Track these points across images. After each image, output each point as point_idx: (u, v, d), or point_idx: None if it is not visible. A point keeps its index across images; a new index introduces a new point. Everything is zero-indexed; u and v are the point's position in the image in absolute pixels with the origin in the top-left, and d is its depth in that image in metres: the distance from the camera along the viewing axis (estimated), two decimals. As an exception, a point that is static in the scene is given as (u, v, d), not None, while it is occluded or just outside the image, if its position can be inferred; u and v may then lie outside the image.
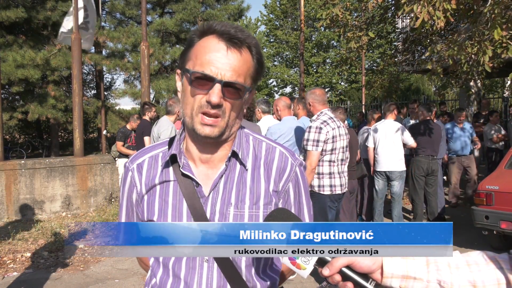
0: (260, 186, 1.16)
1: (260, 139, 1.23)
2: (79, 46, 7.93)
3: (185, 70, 1.09)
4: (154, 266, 1.21)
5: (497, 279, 0.86)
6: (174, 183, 1.16)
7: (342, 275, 0.87)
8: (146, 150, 1.24)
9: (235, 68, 1.06)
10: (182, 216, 1.13)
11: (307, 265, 0.87)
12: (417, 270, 0.87)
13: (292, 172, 1.20)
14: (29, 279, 4.53)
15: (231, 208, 1.13)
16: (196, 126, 1.08)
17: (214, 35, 1.08)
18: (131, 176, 1.21)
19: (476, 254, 0.91)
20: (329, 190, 3.92)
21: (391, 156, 6.04)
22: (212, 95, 1.04)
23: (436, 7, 4.88)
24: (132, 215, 1.25)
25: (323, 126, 3.85)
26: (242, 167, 1.17)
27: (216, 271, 1.12)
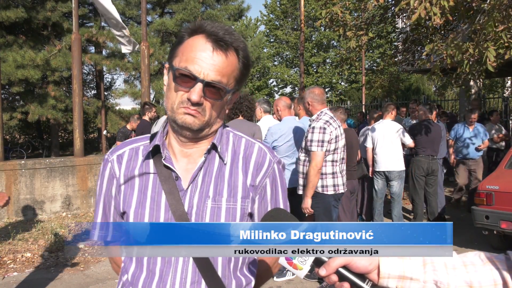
0: (237, 180, 1.18)
1: (240, 135, 1.25)
2: (79, 46, 7.93)
3: (171, 66, 1.12)
4: (126, 262, 1.20)
5: (494, 280, 0.86)
6: (154, 175, 1.16)
7: (338, 276, 0.87)
8: (127, 143, 1.26)
9: (219, 69, 1.09)
10: (160, 209, 1.13)
11: (303, 265, 0.87)
12: (413, 271, 0.88)
13: (270, 168, 1.22)
14: (29, 279, 4.53)
15: (209, 201, 1.14)
16: (178, 116, 1.10)
17: (203, 35, 1.10)
18: (110, 167, 1.21)
19: (472, 255, 0.91)
20: (332, 190, 3.90)
21: (389, 156, 6.05)
22: (193, 93, 1.07)
23: (433, 3, 4.87)
24: (109, 210, 1.23)
25: (326, 126, 3.82)
26: (221, 161, 1.18)
27: (192, 266, 1.13)
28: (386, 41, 12.04)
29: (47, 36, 14.19)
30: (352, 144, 5.08)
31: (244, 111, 4.28)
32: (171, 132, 1.19)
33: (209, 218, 1.14)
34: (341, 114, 5.27)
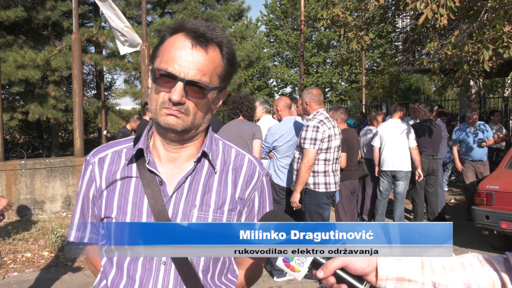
0: (226, 191, 1.15)
1: (229, 145, 1.23)
2: (79, 46, 7.92)
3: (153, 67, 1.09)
4: (106, 267, 1.16)
5: (492, 281, 0.86)
6: (136, 179, 1.13)
7: (336, 278, 0.87)
8: (110, 145, 1.21)
9: (200, 66, 1.05)
10: (142, 214, 1.10)
11: (301, 267, 0.87)
12: (411, 272, 0.87)
13: (259, 181, 1.20)
14: (29, 279, 4.53)
15: (195, 210, 1.11)
16: (160, 118, 1.06)
17: (183, 33, 1.07)
18: (91, 170, 1.18)
19: (471, 256, 0.91)
20: (324, 187, 4.04)
21: (397, 156, 6.01)
22: (173, 93, 1.03)
23: (440, 4, 4.86)
24: (87, 213, 1.20)
25: (320, 125, 3.96)
26: (210, 169, 1.15)
27: (173, 273, 1.10)
28: (386, 41, 12.03)
29: (47, 36, 14.19)
30: (352, 144, 5.08)
31: (245, 111, 4.28)
32: (156, 135, 1.15)
33: None
34: (341, 114, 5.28)
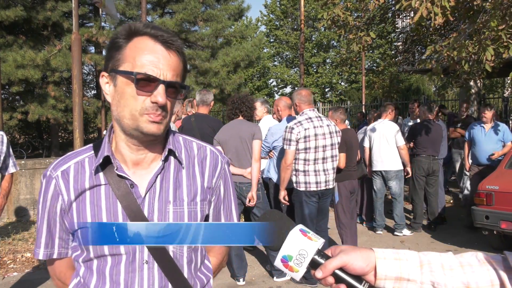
0: (196, 183, 1.19)
1: (189, 139, 1.26)
2: (79, 46, 7.91)
3: (123, 72, 1.07)
4: (85, 277, 1.15)
5: (491, 281, 0.86)
6: (106, 186, 1.13)
7: (335, 277, 0.87)
8: (70, 156, 1.20)
9: (174, 68, 1.08)
10: (118, 218, 1.11)
11: (300, 268, 0.87)
12: (410, 272, 0.87)
13: (222, 169, 1.26)
14: (29, 279, 4.53)
15: (170, 206, 1.14)
16: (142, 125, 1.06)
17: (147, 37, 1.08)
18: (55, 184, 1.15)
19: (469, 255, 0.91)
20: (303, 186, 4.16)
21: (386, 156, 6.06)
22: (158, 95, 1.04)
23: (435, 3, 4.88)
24: (54, 228, 1.18)
25: (295, 126, 4.08)
26: (178, 165, 1.18)
27: (157, 271, 1.12)
28: (387, 41, 12.04)
29: (47, 36, 14.19)
30: (351, 144, 5.08)
31: (244, 111, 4.28)
32: (121, 140, 1.14)
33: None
34: (340, 114, 5.28)
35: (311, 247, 0.87)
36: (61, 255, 1.21)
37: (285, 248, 0.88)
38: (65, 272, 1.24)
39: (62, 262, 1.24)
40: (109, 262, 1.12)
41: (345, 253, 0.88)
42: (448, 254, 0.93)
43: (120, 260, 1.11)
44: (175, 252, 1.15)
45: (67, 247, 1.21)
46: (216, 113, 21.69)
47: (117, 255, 1.11)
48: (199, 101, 4.69)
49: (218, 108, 21.26)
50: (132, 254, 1.11)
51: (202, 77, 14.66)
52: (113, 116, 1.13)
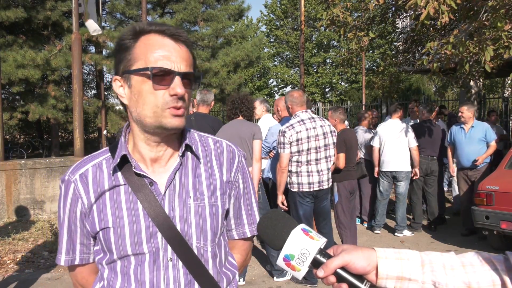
0: (215, 177, 1.19)
1: (204, 135, 1.27)
2: (79, 46, 7.92)
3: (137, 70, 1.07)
4: (110, 279, 1.15)
5: (492, 281, 0.86)
6: (125, 186, 1.13)
7: (337, 277, 0.87)
8: (86, 160, 1.20)
9: (186, 59, 1.09)
10: (139, 217, 1.11)
11: (301, 267, 0.87)
12: (412, 271, 0.87)
13: (239, 162, 1.26)
14: (29, 279, 4.53)
15: (191, 201, 1.14)
16: (166, 120, 1.06)
17: (153, 33, 1.08)
18: (74, 188, 1.15)
19: (471, 255, 0.91)
20: (296, 187, 4.19)
21: (398, 157, 6.01)
22: (177, 87, 1.05)
23: (441, 1, 4.86)
24: (75, 233, 1.18)
25: (287, 130, 4.09)
26: (195, 160, 1.18)
27: (182, 268, 1.12)
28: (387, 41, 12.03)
29: (47, 36, 14.20)
30: (351, 144, 5.08)
31: (244, 111, 4.29)
32: (140, 139, 1.14)
33: (194, 218, 1.14)
34: (340, 114, 5.28)
35: (313, 246, 0.87)
36: (83, 261, 1.20)
37: (287, 247, 0.88)
38: (87, 278, 1.24)
39: (84, 268, 1.23)
40: (133, 262, 1.11)
41: (346, 252, 0.88)
42: (449, 254, 0.93)
43: (144, 259, 1.10)
44: (199, 247, 1.14)
45: (89, 252, 1.20)
46: (216, 113, 21.68)
47: (141, 254, 1.10)
48: (200, 100, 4.69)
49: (218, 108, 21.25)
50: (156, 253, 1.11)
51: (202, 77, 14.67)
52: (131, 118, 1.13)
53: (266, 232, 0.93)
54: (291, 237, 0.88)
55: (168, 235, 1.10)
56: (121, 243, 1.10)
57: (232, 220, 1.27)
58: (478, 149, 5.76)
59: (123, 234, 1.10)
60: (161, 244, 1.11)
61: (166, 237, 1.10)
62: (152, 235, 1.10)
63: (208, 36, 15.08)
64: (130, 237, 1.10)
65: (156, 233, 1.10)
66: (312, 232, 0.90)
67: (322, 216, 4.37)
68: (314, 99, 25.07)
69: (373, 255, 0.88)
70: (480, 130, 5.82)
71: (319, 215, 4.37)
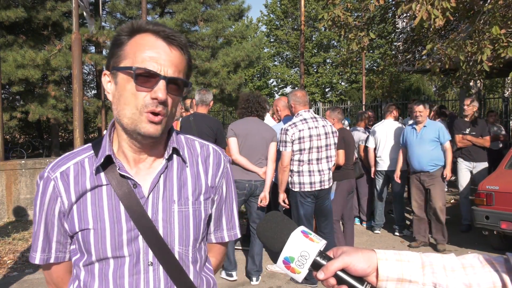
0: (200, 181, 1.17)
1: (191, 138, 1.25)
2: (79, 46, 7.92)
3: (122, 68, 1.04)
4: (87, 281, 1.11)
5: (493, 282, 0.86)
6: (107, 187, 1.10)
7: (337, 279, 0.87)
8: (68, 157, 1.16)
9: (176, 64, 1.06)
10: (121, 219, 1.08)
11: (301, 269, 0.87)
12: (412, 273, 0.87)
13: (225, 168, 1.24)
14: (29, 279, 4.53)
15: (175, 205, 1.12)
16: (141, 125, 1.03)
17: (148, 33, 1.06)
18: (54, 186, 1.11)
19: (471, 257, 0.91)
20: (298, 187, 4.19)
21: (392, 156, 6.04)
22: (158, 91, 1.01)
23: (435, 5, 4.89)
24: (51, 231, 1.14)
25: (289, 128, 4.10)
26: (181, 164, 1.16)
27: (162, 273, 1.10)
28: (387, 41, 12.04)
29: (47, 36, 14.20)
30: (349, 143, 5.07)
31: (259, 111, 4.35)
32: (123, 139, 1.11)
33: (178, 223, 1.11)
34: (338, 114, 5.28)
35: (312, 248, 0.87)
36: (59, 259, 1.17)
37: (286, 249, 0.87)
38: (62, 277, 1.21)
39: (59, 267, 1.19)
40: (111, 265, 1.08)
41: (346, 254, 0.87)
42: (450, 255, 0.92)
43: (124, 262, 1.08)
44: (180, 252, 1.12)
45: (65, 251, 1.17)
46: (216, 113, 21.67)
47: (121, 257, 1.08)
48: (198, 100, 4.69)
49: (218, 108, 21.23)
50: (136, 256, 1.08)
51: (202, 77, 14.65)
52: (114, 115, 1.10)
53: (265, 234, 0.93)
54: (290, 239, 0.88)
55: (150, 239, 1.07)
56: (101, 245, 1.07)
57: (211, 224, 1.25)
58: (429, 150, 5.27)
59: (103, 236, 1.07)
60: (142, 248, 1.08)
61: (147, 241, 1.07)
62: (133, 238, 1.08)
63: (208, 36, 15.08)
64: (111, 239, 1.07)
65: (137, 236, 1.08)
66: (312, 234, 0.90)
67: (324, 216, 4.37)
68: (314, 99, 25.08)
69: (373, 257, 0.88)
70: (433, 130, 5.32)
71: (320, 215, 4.38)
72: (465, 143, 6.16)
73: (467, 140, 6.13)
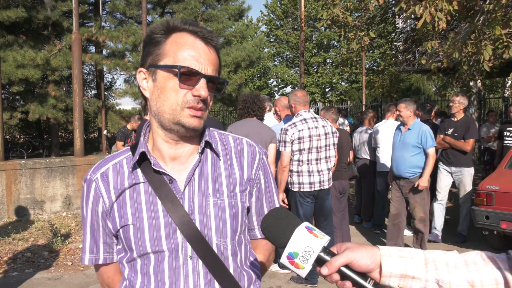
0: (234, 174, 1.19)
1: (224, 133, 1.27)
2: (79, 45, 7.93)
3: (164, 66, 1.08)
4: (130, 278, 1.15)
5: (495, 279, 0.86)
6: (145, 184, 1.13)
7: (340, 274, 0.87)
8: (107, 159, 1.21)
9: (214, 63, 1.11)
10: (158, 214, 1.11)
11: (305, 265, 0.87)
12: (415, 269, 0.87)
13: (261, 160, 1.25)
14: (29, 279, 4.53)
15: (210, 198, 1.13)
16: (183, 120, 1.08)
17: (186, 33, 1.10)
18: (95, 187, 1.16)
19: (474, 254, 0.91)
20: (297, 187, 4.20)
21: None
22: (201, 89, 1.06)
23: (438, 8, 4.90)
24: (97, 232, 1.19)
25: (289, 128, 4.12)
26: (215, 157, 1.19)
27: (202, 266, 1.11)
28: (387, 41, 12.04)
29: (47, 36, 14.20)
30: (342, 145, 5.05)
31: (257, 111, 4.32)
32: (158, 136, 1.15)
33: (214, 215, 1.13)
34: (332, 114, 5.28)
35: (317, 244, 0.87)
36: (107, 260, 1.21)
37: (291, 245, 0.88)
38: (112, 278, 1.23)
39: (108, 268, 1.23)
40: (152, 260, 1.11)
41: (350, 250, 0.88)
42: (453, 252, 0.93)
43: (163, 257, 1.10)
44: (218, 245, 1.13)
45: (112, 252, 1.20)
46: (216, 113, 21.69)
47: (160, 252, 1.10)
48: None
49: (218, 108, 21.24)
50: (175, 251, 1.10)
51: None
52: (151, 112, 1.14)
53: (269, 230, 0.93)
54: (295, 235, 0.88)
55: (188, 233, 1.09)
56: (141, 241, 1.10)
57: (254, 219, 1.25)
58: (409, 156, 4.81)
59: (142, 231, 1.10)
60: (180, 242, 1.10)
61: (185, 235, 1.09)
62: (171, 233, 1.10)
63: (208, 36, 15.08)
64: (150, 234, 1.10)
65: (175, 231, 1.10)
66: (316, 230, 0.90)
67: (323, 216, 4.38)
68: (314, 99, 25.09)
69: (377, 253, 0.88)
70: (416, 134, 4.79)
71: (320, 215, 4.38)
72: (443, 144, 5.66)
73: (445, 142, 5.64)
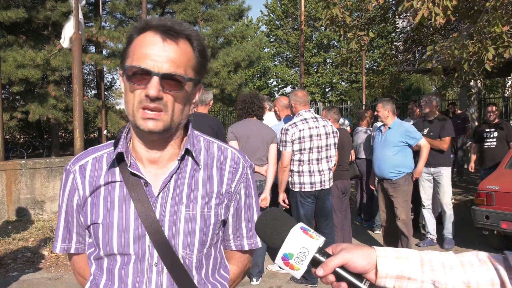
0: (212, 186, 1.15)
1: (211, 140, 1.22)
2: (80, 46, 7.93)
3: (123, 67, 1.06)
4: (96, 274, 1.14)
5: (491, 280, 0.86)
6: (121, 183, 1.11)
7: (336, 276, 0.87)
8: (89, 152, 1.19)
9: (173, 59, 1.03)
10: (129, 217, 1.09)
11: (300, 266, 0.87)
12: (411, 270, 0.87)
13: (243, 173, 1.21)
14: (29, 279, 4.53)
15: (183, 207, 1.10)
16: (139, 122, 1.03)
17: (151, 30, 1.05)
18: (72, 179, 1.15)
19: (470, 255, 0.91)
20: (298, 187, 4.18)
21: None
22: (150, 88, 1.00)
23: (436, 3, 4.90)
24: (72, 222, 1.18)
25: (290, 128, 4.10)
26: (195, 165, 1.14)
27: (166, 275, 1.09)
28: (387, 41, 12.04)
29: (47, 36, 14.20)
30: (343, 144, 5.04)
31: (256, 111, 4.31)
32: (135, 138, 1.12)
33: (183, 225, 1.10)
34: (334, 114, 5.27)
35: (312, 245, 0.87)
36: (79, 250, 1.20)
37: (286, 246, 0.87)
38: (84, 268, 1.23)
39: (80, 258, 1.22)
40: (118, 261, 1.10)
41: (346, 251, 0.87)
42: (448, 253, 0.93)
43: (130, 260, 1.09)
44: (184, 256, 1.10)
45: (84, 243, 1.20)
46: (217, 113, 21.67)
47: (126, 255, 1.08)
48: (198, 100, 4.67)
49: (219, 108, 21.22)
50: (142, 255, 1.08)
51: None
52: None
53: (264, 230, 0.92)
54: (290, 235, 0.87)
55: (156, 239, 1.07)
56: (108, 241, 1.09)
57: (230, 231, 1.22)
58: (391, 155, 4.67)
59: (111, 232, 1.08)
60: (148, 247, 1.08)
61: (153, 241, 1.07)
62: (140, 237, 1.08)
63: (208, 36, 15.08)
64: (118, 236, 1.08)
65: (144, 235, 1.08)
66: (311, 231, 0.90)
67: (324, 216, 4.37)
68: (314, 99, 25.08)
69: (373, 254, 0.88)
70: (396, 133, 4.68)
71: (320, 215, 4.37)
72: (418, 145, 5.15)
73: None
